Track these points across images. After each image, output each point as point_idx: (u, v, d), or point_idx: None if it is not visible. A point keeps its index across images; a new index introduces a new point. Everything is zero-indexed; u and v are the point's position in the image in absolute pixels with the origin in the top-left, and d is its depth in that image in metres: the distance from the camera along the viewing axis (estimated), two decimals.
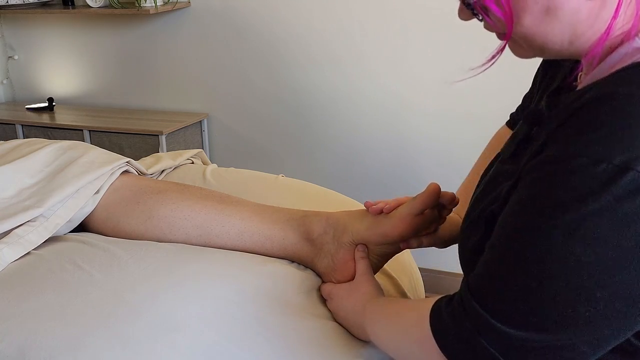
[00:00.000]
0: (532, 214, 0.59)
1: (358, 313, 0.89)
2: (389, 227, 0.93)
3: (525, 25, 0.64)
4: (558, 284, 0.57)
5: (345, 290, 0.94)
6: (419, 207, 0.90)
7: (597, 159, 0.55)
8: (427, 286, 1.45)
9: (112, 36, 2.63)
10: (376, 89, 2.24)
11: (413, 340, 0.72)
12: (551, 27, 0.63)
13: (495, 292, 0.61)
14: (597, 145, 0.56)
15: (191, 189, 1.12)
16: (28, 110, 2.70)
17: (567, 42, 0.65)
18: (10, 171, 1.13)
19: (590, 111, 0.58)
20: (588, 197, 0.55)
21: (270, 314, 0.91)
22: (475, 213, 0.75)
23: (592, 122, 0.58)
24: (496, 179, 0.74)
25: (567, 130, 0.59)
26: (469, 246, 0.75)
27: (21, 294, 0.90)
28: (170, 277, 0.93)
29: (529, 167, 0.62)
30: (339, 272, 0.97)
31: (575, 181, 0.56)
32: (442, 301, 0.68)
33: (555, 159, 0.59)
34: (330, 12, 2.22)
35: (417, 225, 0.92)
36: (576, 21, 0.63)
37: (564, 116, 0.61)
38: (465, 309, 0.63)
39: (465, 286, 0.65)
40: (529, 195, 0.60)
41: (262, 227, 1.03)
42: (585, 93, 0.61)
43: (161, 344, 0.82)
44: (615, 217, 0.55)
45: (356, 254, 0.96)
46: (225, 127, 2.54)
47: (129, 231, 1.08)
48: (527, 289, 0.58)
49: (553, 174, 0.58)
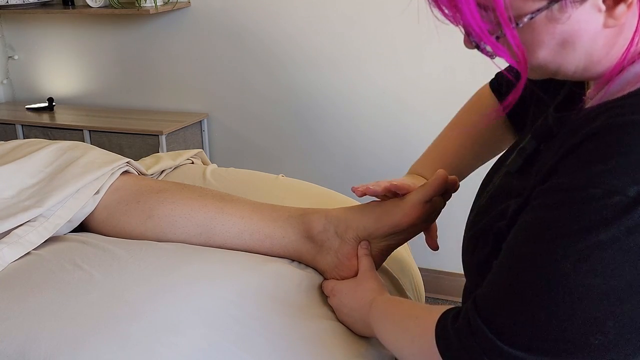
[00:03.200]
0: (543, 241, 0.59)
1: (363, 309, 0.89)
2: (400, 216, 0.93)
3: (540, 58, 0.63)
4: (567, 312, 0.56)
5: (348, 287, 0.94)
6: (431, 193, 0.91)
7: (610, 190, 0.55)
8: (427, 286, 1.46)
9: (112, 36, 2.63)
10: (375, 89, 2.24)
11: (417, 349, 0.72)
12: (567, 57, 0.63)
13: (504, 315, 0.60)
14: (610, 176, 0.56)
15: (191, 188, 1.12)
16: (28, 110, 2.70)
17: (582, 69, 0.64)
18: (10, 171, 1.13)
19: (603, 140, 0.58)
20: (600, 228, 0.55)
21: (271, 314, 0.91)
22: (480, 226, 0.74)
23: (605, 151, 0.57)
24: (503, 193, 0.74)
25: (579, 158, 0.59)
26: (476, 260, 0.75)
27: (21, 294, 0.90)
28: (170, 277, 0.93)
29: (539, 191, 0.62)
30: (342, 267, 0.97)
31: (588, 211, 0.56)
32: (449, 316, 0.68)
33: (568, 187, 0.58)
34: (330, 12, 2.22)
35: (427, 212, 0.92)
36: (592, 50, 0.62)
37: (575, 141, 0.60)
38: (471, 328, 0.63)
39: (472, 305, 0.64)
40: (539, 222, 0.60)
41: (262, 225, 1.03)
42: (596, 116, 0.61)
43: (161, 344, 0.82)
44: (627, 248, 0.55)
45: (359, 251, 0.96)
46: (225, 127, 2.54)
47: (129, 231, 1.08)
48: (536, 315, 0.58)
49: (565, 203, 0.58)
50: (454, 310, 0.69)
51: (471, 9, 0.61)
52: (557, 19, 0.60)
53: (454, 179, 0.94)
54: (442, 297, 2.31)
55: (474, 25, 0.61)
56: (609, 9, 0.59)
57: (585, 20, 0.60)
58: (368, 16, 2.17)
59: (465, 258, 0.79)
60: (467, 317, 0.64)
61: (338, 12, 2.21)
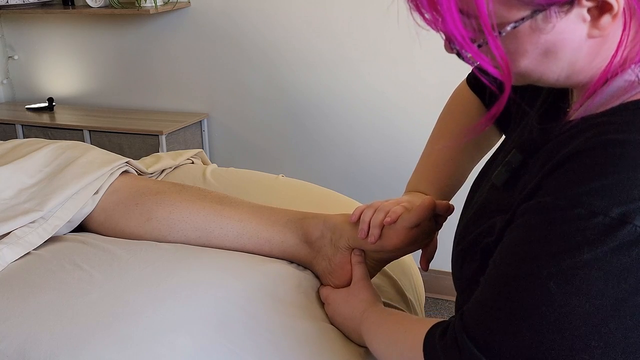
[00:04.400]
0: (528, 260, 0.59)
1: (355, 319, 0.89)
2: (384, 239, 0.91)
3: (523, 67, 0.63)
4: (552, 331, 0.56)
5: (342, 296, 0.94)
6: (414, 220, 0.89)
7: (594, 210, 0.55)
8: (427, 286, 1.46)
9: (112, 36, 2.63)
10: (374, 91, 2.24)
11: None
12: (549, 66, 0.62)
13: (490, 332, 0.60)
14: (594, 196, 0.55)
15: (190, 189, 1.12)
16: (28, 110, 2.70)
17: (564, 77, 0.64)
18: (10, 171, 1.12)
19: (587, 159, 0.58)
20: (584, 248, 0.55)
21: (271, 314, 0.91)
22: (468, 241, 0.74)
23: (588, 171, 0.57)
24: (489, 207, 0.74)
25: (563, 177, 0.59)
26: (464, 274, 0.75)
27: (21, 294, 0.90)
28: (170, 278, 0.93)
29: (524, 208, 0.62)
30: (336, 275, 0.97)
31: (572, 231, 0.56)
32: (436, 332, 0.68)
33: (553, 206, 0.58)
34: (331, 13, 2.22)
35: (413, 237, 0.90)
36: (575, 59, 0.62)
37: (560, 158, 0.60)
38: (458, 344, 0.63)
39: (459, 321, 0.64)
40: (524, 241, 0.60)
41: (260, 229, 1.03)
42: (579, 132, 0.60)
43: (161, 344, 0.82)
44: (611, 269, 0.55)
45: (353, 259, 0.95)
46: (225, 127, 2.54)
47: (128, 232, 1.07)
48: (521, 334, 0.58)
49: (549, 223, 0.58)
50: (442, 324, 0.69)
51: (453, 15, 0.59)
52: (541, 28, 0.59)
53: (445, 204, 0.92)
54: (442, 297, 2.31)
55: (455, 33, 0.60)
56: (594, 19, 0.59)
57: (570, 30, 0.59)
58: (367, 18, 2.17)
59: (455, 272, 0.79)
60: (454, 332, 0.64)
61: (338, 13, 2.21)
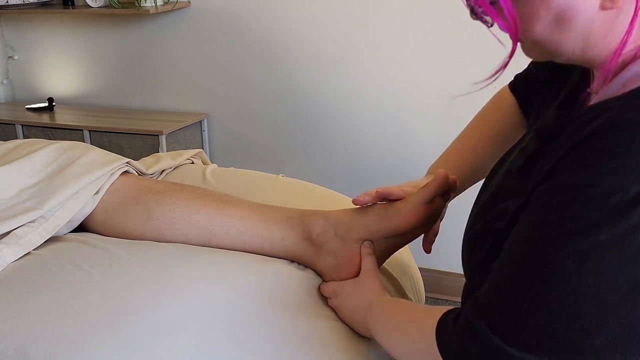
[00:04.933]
0: (545, 241, 0.58)
1: (363, 310, 0.89)
2: (401, 219, 0.92)
3: (537, 33, 0.63)
4: (569, 312, 0.56)
5: (350, 287, 0.94)
6: (432, 193, 0.90)
7: (612, 189, 0.55)
8: (427, 286, 1.46)
9: (112, 36, 2.63)
10: (376, 89, 2.24)
11: (417, 351, 0.72)
12: (563, 36, 0.63)
13: (506, 315, 0.60)
14: (612, 175, 0.55)
15: (190, 188, 1.12)
16: (28, 110, 2.70)
17: (580, 51, 0.64)
18: (10, 172, 1.12)
19: (604, 139, 0.58)
20: (602, 227, 0.55)
21: (271, 314, 0.91)
22: (480, 225, 0.74)
23: (606, 150, 0.57)
24: (503, 192, 0.74)
25: (580, 157, 0.59)
26: (475, 260, 0.75)
27: (21, 294, 0.90)
28: (170, 277, 0.93)
29: (540, 190, 0.62)
30: (342, 270, 0.97)
31: (590, 211, 0.56)
32: (449, 317, 0.68)
33: (570, 186, 0.58)
34: (330, 12, 2.22)
35: (428, 214, 0.91)
36: (589, 31, 0.62)
37: (577, 139, 0.60)
38: (473, 329, 0.62)
39: (473, 306, 0.64)
40: (541, 222, 0.60)
41: (261, 227, 1.03)
42: (598, 114, 0.60)
43: (161, 344, 0.82)
44: (629, 247, 0.55)
45: (363, 250, 0.96)
46: (225, 127, 2.54)
47: (129, 232, 1.08)
48: (538, 315, 0.58)
49: (566, 202, 0.58)
50: (454, 311, 0.68)
51: None
52: None
53: (454, 179, 0.93)
54: (442, 297, 2.31)
55: None
56: None
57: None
58: (368, 16, 2.17)
59: (465, 257, 0.79)
60: (468, 317, 0.64)
61: (337, 13, 2.21)
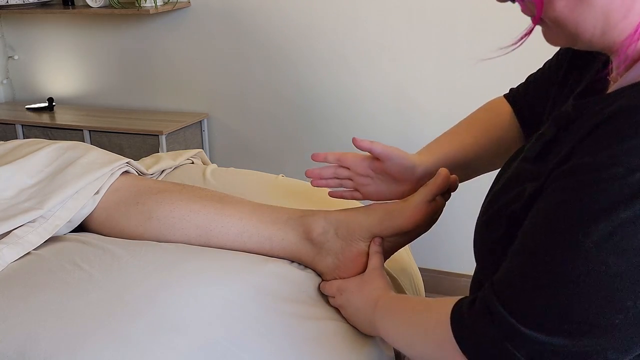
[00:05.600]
0: (564, 222, 0.58)
1: (369, 308, 0.89)
2: (402, 219, 0.93)
3: (558, 10, 0.62)
4: (589, 292, 0.56)
5: (355, 285, 0.94)
6: (434, 192, 0.90)
7: (631, 167, 0.55)
8: (427, 286, 1.45)
9: (112, 36, 2.63)
10: (377, 88, 2.23)
11: (431, 341, 0.72)
12: (584, 14, 0.62)
13: (525, 298, 0.60)
14: (631, 154, 0.55)
15: (190, 188, 1.12)
16: (28, 110, 2.70)
17: (600, 31, 0.63)
18: (10, 171, 1.12)
19: (624, 119, 0.58)
20: (621, 206, 0.55)
21: (271, 314, 0.91)
22: (494, 209, 0.74)
23: (625, 130, 0.57)
24: (518, 177, 0.73)
25: (599, 138, 0.59)
26: (487, 242, 0.74)
27: (21, 294, 0.90)
28: (170, 277, 0.93)
29: (557, 174, 0.62)
30: (343, 270, 0.97)
31: (609, 190, 0.56)
32: (463, 304, 0.67)
33: (588, 167, 0.58)
34: (330, 12, 2.22)
35: (430, 213, 0.92)
36: (609, 10, 0.61)
37: (594, 122, 0.60)
38: (490, 313, 0.62)
39: (490, 290, 0.64)
40: (559, 203, 0.59)
41: (261, 227, 1.03)
42: (615, 99, 0.60)
43: (161, 344, 0.82)
44: None
45: (371, 248, 0.96)
46: (225, 127, 2.54)
47: (128, 232, 1.08)
48: (558, 296, 0.57)
49: (586, 183, 0.57)
50: (468, 298, 0.68)
51: None
52: None
53: (455, 178, 0.94)
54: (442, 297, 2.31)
55: None
56: None
57: None
58: (369, 15, 2.17)
59: (477, 241, 0.78)
60: (485, 302, 0.63)
61: (338, 13, 2.21)
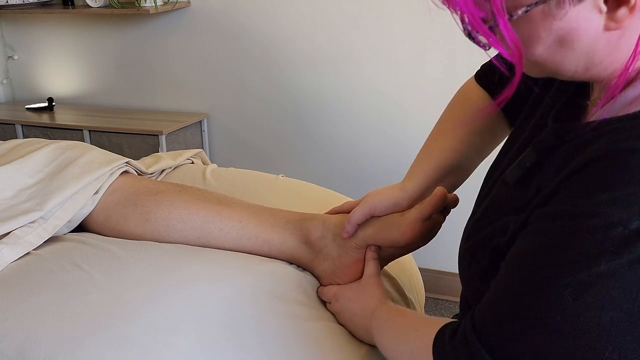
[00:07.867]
0: (543, 268, 0.58)
1: (365, 316, 0.89)
2: (398, 235, 0.92)
3: (537, 54, 0.62)
4: (566, 341, 0.56)
5: (352, 292, 0.94)
6: (429, 211, 0.89)
7: (613, 221, 0.54)
8: (427, 286, 1.45)
9: (112, 36, 2.63)
10: (375, 91, 2.24)
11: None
12: (565, 56, 0.61)
13: (502, 338, 0.60)
14: (613, 206, 0.55)
15: (189, 190, 1.11)
16: (28, 110, 2.70)
17: (582, 69, 0.63)
18: (10, 171, 1.12)
19: (606, 167, 0.57)
20: (602, 260, 0.55)
21: (269, 315, 0.91)
22: (478, 239, 0.74)
23: (607, 180, 0.56)
24: (500, 206, 0.73)
25: (581, 184, 0.58)
26: (472, 272, 0.74)
27: (21, 294, 0.90)
28: (169, 278, 0.93)
29: (540, 214, 0.61)
30: (339, 275, 0.97)
31: (590, 242, 0.55)
32: (445, 333, 0.67)
33: (570, 214, 0.57)
34: (331, 13, 2.22)
35: (426, 230, 0.91)
36: (592, 51, 0.61)
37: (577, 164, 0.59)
38: (469, 348, 0.62)
39: (470, 324, 0.63)
40: (540, 247, 0.59)
41: (260, 230, 1.03)
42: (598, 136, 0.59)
43: (160, 344, 0.82)
44: (628, 281, 0.54)
45: (368, 254, 0.96)
46: (225, 127, 2.54)
47: (127, 233, 1.07)
48: (535, 342, 0.57)
49: (566, 231, 0.57)
50: (452, 325, 0.68)
51: None
52: (554, 14, 0.58)
53: (453, 197, 0.92)
54: (442, 297, 2.31)
55: (466, 11, 0.59)
56: (611, 11, 0.58)
57: (585, 19, 0.58)
58: (369, 17, 2.17)
59: (462, 269, 0.78)
60: (465, 336, 0.63)
61: (338, 13, 2.21)
